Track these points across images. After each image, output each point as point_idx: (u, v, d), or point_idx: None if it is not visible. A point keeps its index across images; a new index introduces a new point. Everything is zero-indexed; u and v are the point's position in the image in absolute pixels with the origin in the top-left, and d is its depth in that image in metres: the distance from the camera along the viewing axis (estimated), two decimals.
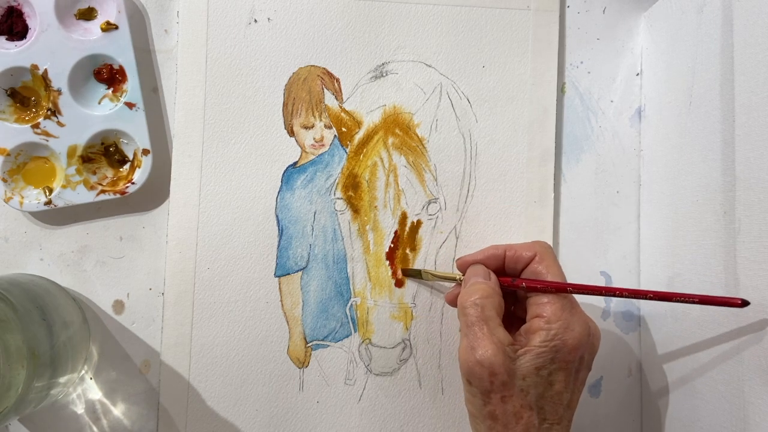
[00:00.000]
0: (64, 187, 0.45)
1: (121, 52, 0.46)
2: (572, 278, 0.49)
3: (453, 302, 0.44)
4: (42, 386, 0.39)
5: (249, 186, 0.47)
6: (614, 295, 0.39)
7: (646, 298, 0.38)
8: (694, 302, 0.37)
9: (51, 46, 0.45)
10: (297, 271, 0.47)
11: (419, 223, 0.48)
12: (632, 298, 0.39)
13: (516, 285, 0.40)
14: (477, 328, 0.37)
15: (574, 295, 0.39)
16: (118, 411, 0.46)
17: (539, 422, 0.36)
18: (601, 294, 0.39)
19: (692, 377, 0.42)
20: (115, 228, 0.47)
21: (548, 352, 0.36)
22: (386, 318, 0.47)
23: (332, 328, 0.47)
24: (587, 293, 0.39)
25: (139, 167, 0.46)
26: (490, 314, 0.38)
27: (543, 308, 0.38)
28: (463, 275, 0.43)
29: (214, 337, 0.47)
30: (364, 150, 0.48)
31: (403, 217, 0.48)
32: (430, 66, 0.49)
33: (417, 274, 0.46)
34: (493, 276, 0.41)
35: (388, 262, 0.47)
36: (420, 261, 0.48)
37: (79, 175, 0.45)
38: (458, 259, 0.44)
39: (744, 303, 0.35)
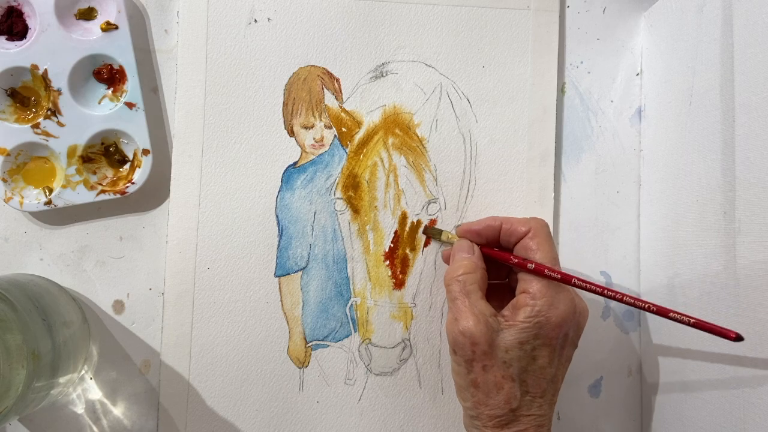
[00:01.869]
0: (64, 187, 0.45)
1: (121, 52, 0.46)
2: None
3: (447, 260, 0.46)
4: (42, 386, 0.39)
5: (249, 186, 0.47)
6: (601, 294, 0.39)
7: (637, 306, 0.38)
8: (688, 324, 0.36)
9: (51, 46, 0.45)
10: (297, 271, 0.47)
11: (419, 223, 0.48)
12: (611, 299, 0.39)
13: (507, 260, 0.41)
14: (459, 302, 0.39)
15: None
16: (118, 411, 0.46)
17: (521, 394, 0.38)
18: (585, 289, 0.39)
19: (692, 377, 0.42)
20: (115, 228, 0.47)
21: (531, 328, 0.37)
22: (386, 318, 0.47)
23: (332, 328, 0.47)
24: (574, 285, 0.39)
25: (139, 167, 0.46)
26: (471, 288, 0.40)
27: (530, 284, 0.39)
28: None
29: (214, 337, 0.47)
30: (364, 150, 0.48)
31: (403, 217, 0.48)
32: (430, 66, 0.49)
33: (437, 235, 0.47)
34: (477, 250, 0.43)
35: (387, 263, 0.47)
36: (420, 261, 0.48)
37: (79, 175, 0.45)
38: (459, 227, 0.45)
39: (738, 338, 0.35)
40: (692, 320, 0.36)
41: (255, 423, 0.47)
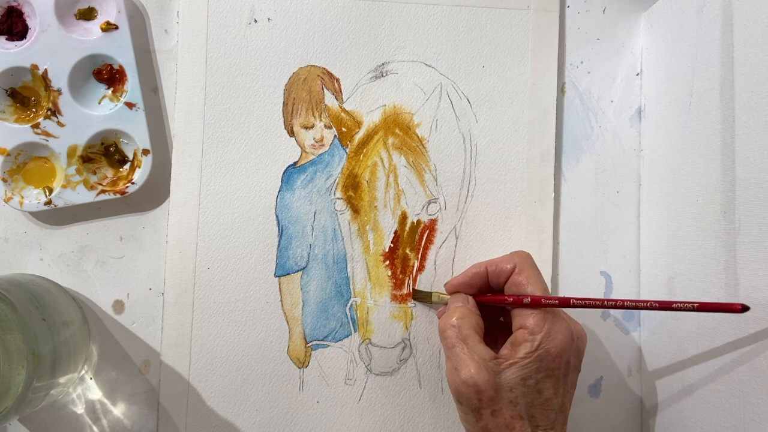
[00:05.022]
0: (64, 187, 0.45)
1: (121, 52, 0.46)
2: (572, 278, 0.49)
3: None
4: (42, 386, 0.39)
5: (249, 186, 0.47)
6: (601, 306, 0.39)
7: (639, 308, 0.38)
8: (693, 310, 0.37)
9: (51, 46, 0.45)
10: (297, 271, 0.47)
11: (419, 222, 0.48)
12: (611, 308, 0.39)
13: (502, 301, 0.41)
14: (458, 349, 0.39)
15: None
16: (118, 411, 0.46)
17: (532, 429, 0.37)
18: (585, 306, 0.39)
19: (692, 377, 0.42)
20: (115, 228, 0.47)
21: (533, 363, 0.37)
22: (386, 318, 0.47)
23: (332, 328, 0.47)
24: (572, 306, 0.39)
25: (139, 167, 0.46)
26: (467, 333, 0.39)
27: (526, 319, 0.39)
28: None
29: (214, 337, 0.47)
30: (364, 150, 0.48)
31: (403, 217, 0.48)
32: (430, 66, 0.49)
33: (427, 297, 0.46)
34: (470, 300, 0.43)
35: (387, 263, 0.47)
36: (419, 261, 0.48)
37: (79, 175, 0.45)
38: (446, 284, 0.45)
39: (744, 308, 0.35)
40: (696, 305, 0.36)
41: (255, 423, 0.47)
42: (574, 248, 0.49)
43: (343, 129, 0.48)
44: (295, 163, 0.48)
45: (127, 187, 0.46)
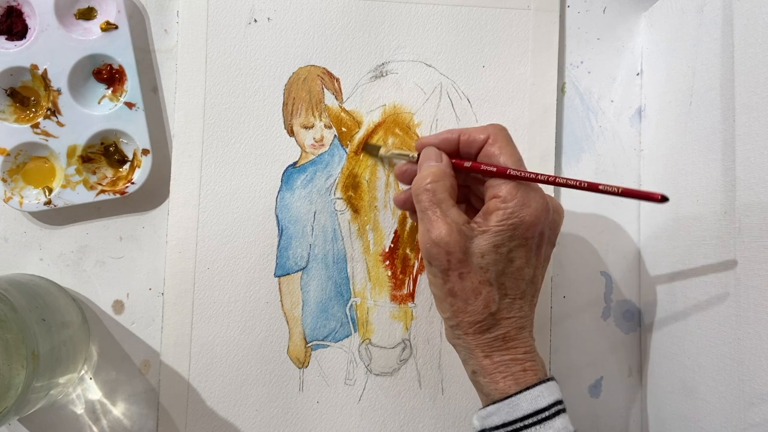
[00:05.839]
0: (63, 187, 0.45)
1: (121, 52, 0.46)
2: (572, 278, 0.49)
3: (400, 177, 0.44)
4: (42, 386, 0.39)
5: (249, 186, 0.47)
6: (545, 182, 0.37)
7: (569, 186, 0.38)
8: (616, 194, 0.37)
9: (51, 46, 0.45)
10: (297, 271, 0.47)
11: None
12: (554, 185, 0.38)
13: (462, 166, 0.40)
14: (430, 212, 0.38)
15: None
16: (118, 411, 0.46)
17: (500, 297, 0.37)
18: (535, 181, 0.38)
19: (692, 377, 0.42)
20: (115, 228, 0.47)
21: (506, 230, 0.37)
22: (386, 318, 0.47)
23: (332, 328, 0.47)
24: (523, 179, 0.38)
25: (139, 167, 0.46)
26: (441, 196, 0.38)
27: (498, 189, 0.38)
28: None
29: (214, 337, 0.47)
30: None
31: (404, 217, 0.48)
32: (430, 66, 0.49)
33: (375, 151, 0.46)
34: (445, 157, 0.41)
35: (387, 263, 0.47)
36: (420, 261, 0.48)
37: (79, 175, 0.45)
38: (416, 141, 0.44)
39: (663, 198, 0.35)
40: (620, 189, 0.36)
41: (255, 423, 0.47)
42: (574, 248, 0.49)
43: (343, 129, 0.48)
44: (295, 163, 0.48)
45: (127, 187, 0.46)
